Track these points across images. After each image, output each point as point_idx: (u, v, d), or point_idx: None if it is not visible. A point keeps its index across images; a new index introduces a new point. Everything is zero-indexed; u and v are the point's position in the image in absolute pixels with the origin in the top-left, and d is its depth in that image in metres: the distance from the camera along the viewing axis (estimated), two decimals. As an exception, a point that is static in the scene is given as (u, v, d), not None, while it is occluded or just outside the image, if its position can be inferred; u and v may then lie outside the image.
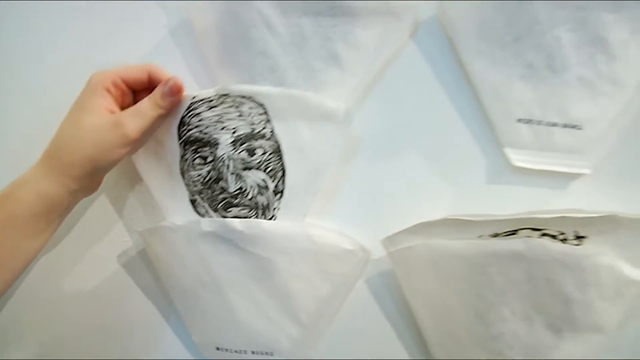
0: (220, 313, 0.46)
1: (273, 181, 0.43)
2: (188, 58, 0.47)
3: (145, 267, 0.48)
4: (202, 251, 0.45)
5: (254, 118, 0.43)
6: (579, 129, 0.43)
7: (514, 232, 0.42)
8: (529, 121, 0.43)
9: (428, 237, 0.43)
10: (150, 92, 0.42)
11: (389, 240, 0.44)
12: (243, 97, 0.43)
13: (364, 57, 0.45)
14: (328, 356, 0.47)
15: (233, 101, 0.43)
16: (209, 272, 0.45)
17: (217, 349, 0.48)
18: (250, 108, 0.43)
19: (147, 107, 0.42)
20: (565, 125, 0.43)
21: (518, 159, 0.44)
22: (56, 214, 0.42)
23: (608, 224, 0.41)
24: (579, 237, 0.42)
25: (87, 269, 0.49)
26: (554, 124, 0.43)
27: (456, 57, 0.44)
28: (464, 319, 0.43)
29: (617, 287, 0.42)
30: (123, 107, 0.42)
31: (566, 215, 0.40)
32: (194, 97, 0.43)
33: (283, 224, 0.44)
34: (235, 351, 0.47)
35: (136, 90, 0.44)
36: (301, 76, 0.45)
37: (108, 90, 0.41)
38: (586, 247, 0.42)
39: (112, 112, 0.41)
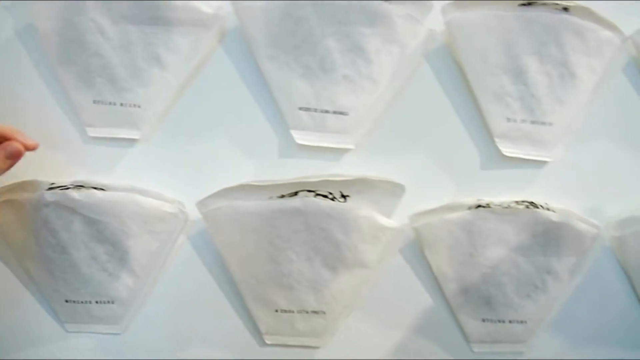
0: (67, 270, 0.55)
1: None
2: (33, 56, 0.56)
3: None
4: (48, 218, 0.53)
5: None
6: (346, 115, 0.57)
7: (295, 194, 0.55)
8: (307, 109, 0.56)
9: (231, 199, 0.54)
10: None
11: (202, 204, 0.55)
12: (95, 188, 0.53)
13: (181, 59, 0.56)
14: (162, 300, 0.57)
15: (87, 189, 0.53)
16: (55, 235, 0.54)
17: (66, 301, 0.56)
18: None
19: None
20: (335, 112, 0.56)
21: (301, 138, 0.57)
22: None
23: (363, 185, 0.55)
24: (344, 196, 0.55)
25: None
26: (327, 111, 0.56)
27: (253, 59, 0.56)
28: (261, 262, 0.55)
29: (374, 232, 0.56)
30: None
31: (329, 178, 0.54)
32: (52, 183, 0.53)
33: (114, 193, 0.54)
34: (82, 302, 0.56)
35: None
36: (129, 74, 0.55)
37: None
38: (349, 203, 0.56)
39: None
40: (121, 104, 0.55)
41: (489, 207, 0.56)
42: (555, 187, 0.59)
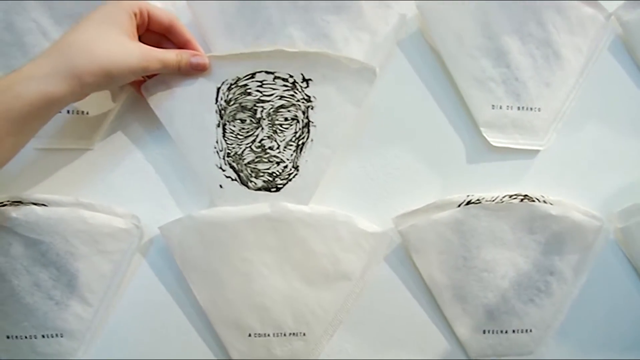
0: (6, 300, 0.48)
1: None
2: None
3: None
4: (-18, 242, 0.47)
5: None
6: (315, 110, 0.52)
7: (253, 76, 0.48)
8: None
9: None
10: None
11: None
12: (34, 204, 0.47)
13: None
14: (118, 330, 0.50)
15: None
16: (-10, 261, 0.47)
17: (7, 337, 0.49)
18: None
19: (171, 67, 0.45)
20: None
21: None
22: (50, 114, 0.41)
23: (326, 66, 0.48)
24: (305, 80, 0.48)
25: None
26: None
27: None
28: (230, 280, 0.49)
29: (355, 239, 0.51)
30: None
31: (284, 48, 0.47)
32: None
33: (57, 209, 0.48)
34: (25, 337, 0.49)
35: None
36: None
37: (135, 15, 0.43)
38: (317, 208, 0.49)
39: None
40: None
41: (480, 202, 0.51)
42: (549, 178, 0.54)
